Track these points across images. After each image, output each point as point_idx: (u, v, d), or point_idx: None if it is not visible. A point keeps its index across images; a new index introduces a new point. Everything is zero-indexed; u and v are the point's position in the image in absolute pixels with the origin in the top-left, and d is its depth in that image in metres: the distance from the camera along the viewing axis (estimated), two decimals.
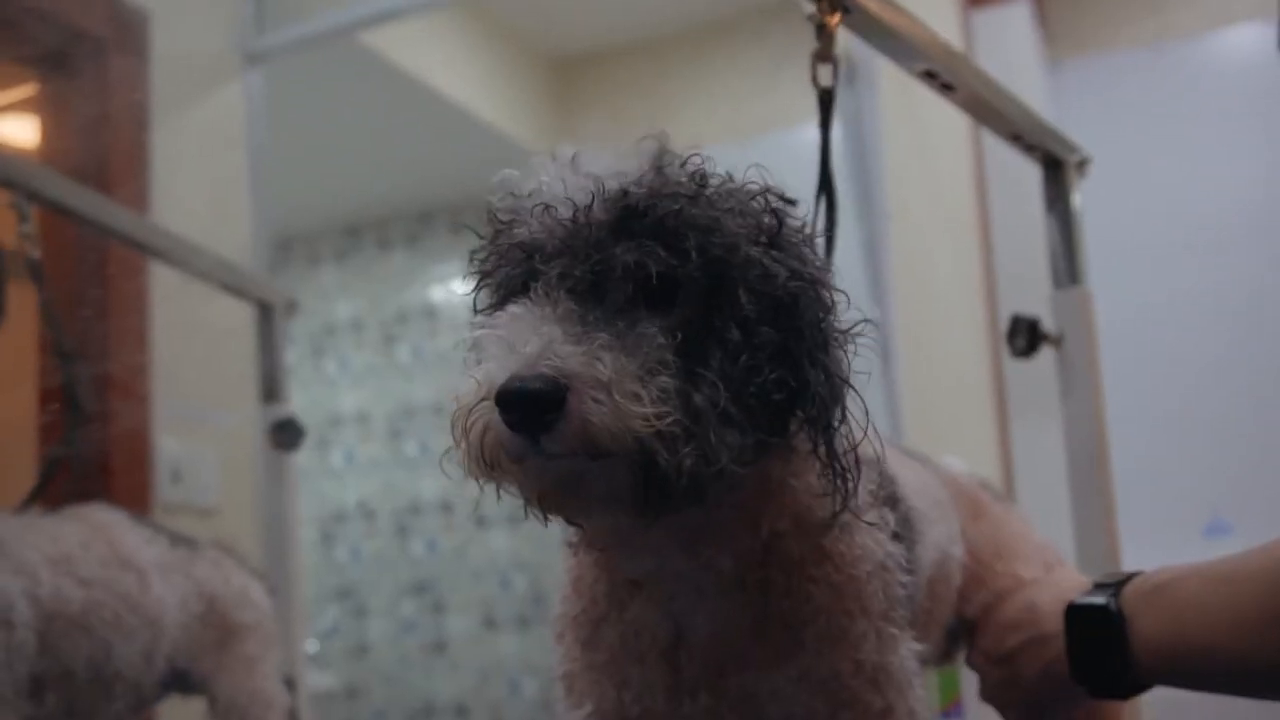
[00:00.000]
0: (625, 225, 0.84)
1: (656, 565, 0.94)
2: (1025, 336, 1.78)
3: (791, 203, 0.92)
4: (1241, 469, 4.06)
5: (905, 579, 1.01)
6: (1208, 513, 3.90)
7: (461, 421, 0.83)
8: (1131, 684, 1.14)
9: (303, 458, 3.61)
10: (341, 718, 4.62)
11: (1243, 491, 3.98)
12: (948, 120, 1.82)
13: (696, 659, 0.95)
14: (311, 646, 4.54)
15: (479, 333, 0.85)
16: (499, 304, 0.89)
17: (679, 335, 0.83)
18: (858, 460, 0.92)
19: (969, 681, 1.45)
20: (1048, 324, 1.79)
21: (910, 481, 1.15)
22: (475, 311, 0.92)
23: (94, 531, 1.62)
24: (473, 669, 4.55)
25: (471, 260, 0.94)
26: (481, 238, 0.93)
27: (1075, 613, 1.16)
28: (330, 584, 4.74)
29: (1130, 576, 1.16)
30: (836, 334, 0.91)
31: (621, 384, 0.79)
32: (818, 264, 0.92)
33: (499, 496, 0.87)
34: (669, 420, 0.79)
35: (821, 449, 0.89)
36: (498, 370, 0.80)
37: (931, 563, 1.18)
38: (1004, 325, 1.81)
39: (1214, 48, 4.42)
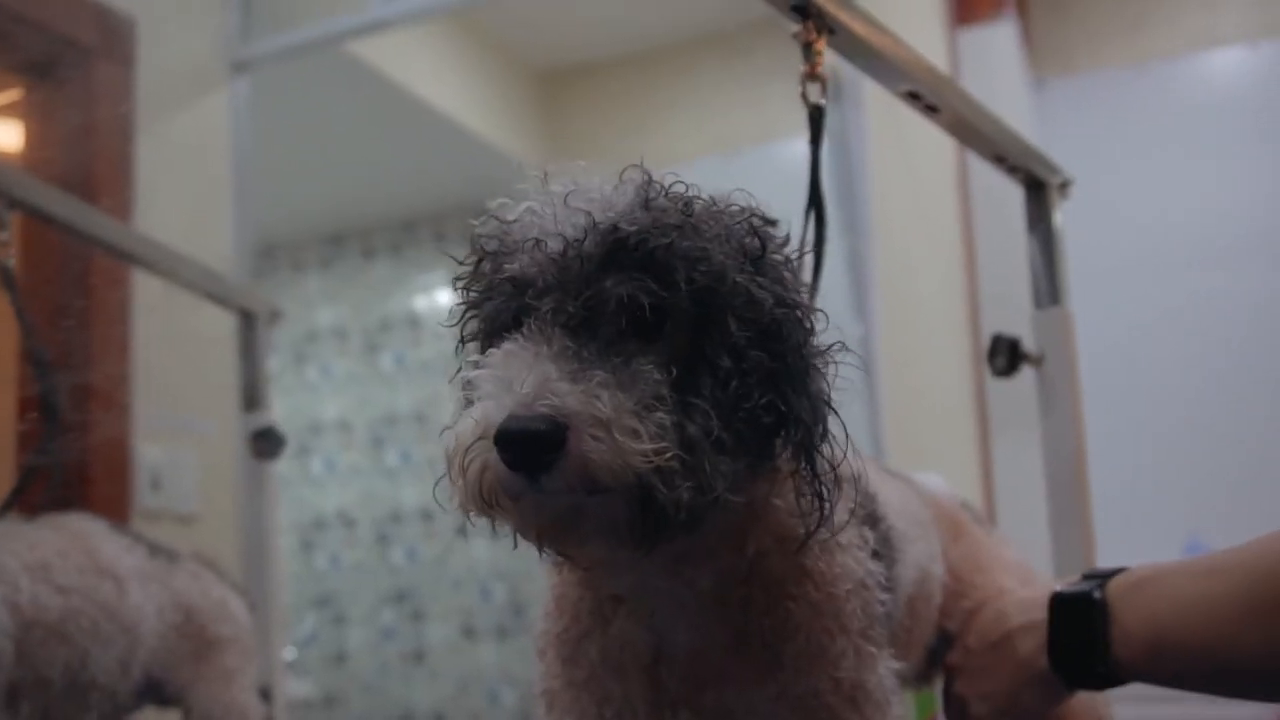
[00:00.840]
0: (616, 259, 0.85)
1: (639, 582, 0.95)
2: (1006, 356, 1.79)
3: (773, 223, 0.92)
4: (1220, 490, 4.07)
5: (884, 597, 1.01)
6: (1186, 533, 3.92)
7: (459, 460, 0.83)
8: (1108, 675, 1.15)
9: (283, 465, 3.60)
10: None
11: (1221, 513, 3.99)
12: (933, 139, 1.82)
13: (677, 674, 0.96)
14: (290, 654, 4.52)
15: (473, 372, 0.85)
16: (489, 337, 0.89)
17: (672, 368, 0.84)
18: (838, 480, 0.93)
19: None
20: (1029, 343, 1.80)
21: (891, 500, 1.16)
22: (462, 342, 0.93)
23: (72, 540, 1.62)
24: (452, 678, 4.54)
25: (456, 287, 0.94)
26: (465, 264, 0.93)
27: (1060, 601, 1.17)
28: (310, 592, 4.72)
29: (1118, 570, 1.17)
30: (818, 356, 0.92)
31: (620, 421, 0.79)
32: (799, 287, 0.93)
33: (495, 531, 0.87)
34: (667, 455, 0.80)
35: (805, 470, 0.89)
36: (495, 409, 0.80)
37: (912, 581, 1.18)
38: (986, 344, 1.82)
39: (1197, 69, 4.45)
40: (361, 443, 4.78)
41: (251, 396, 2.24)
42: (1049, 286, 1.81)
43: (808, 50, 1.32)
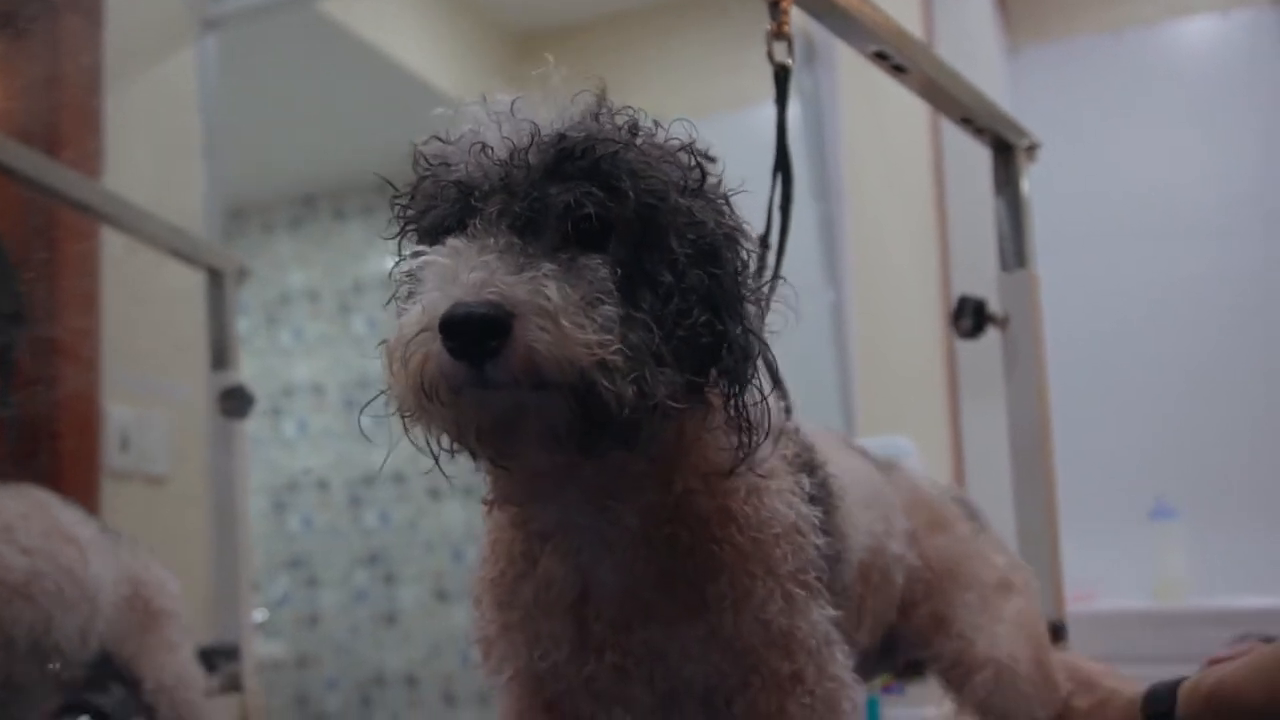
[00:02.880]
0: (561, 167, 0.86)
1: (565, 517, 0.95)
2: (972, 317, 1.80)
3: (711, 159, 0.94)
4: (1187, 453, 4.11)
5: (820, 541, 1.01)
6: (1153, 496, 3.95)
7: (400, 352, 0.83)
8: None
9: (255, 427, 3.57)
10: (291, 686, 4.61)
11: (1188, 476, 4.03)
12: (905, 102, 1.83)
13: (603, 614, 0.95)
14: (262, 615, 4.52)
15: (418, 261, 0.85)
16: (432, 239, 0.89)
17: (617, 272, 0.84)
18: (768, 414, 0.93)
19: None
20: (995, 306, 1.81)
21: (840, 461, 1.16)
22: (400, 255, 0.92)
23: (34, 505, 1.62)
24: (424, 640, 4.55)
25: (394, 204, 0.94)
26: (399, 188, 0.94)
27: None
28: (282, 553, 4.73)
29: (1174, 688, 1.26)
30: (753, 288, 0.93)
31: (567, 311, 0.79)
32: (737, 218, 0.94)
33: (431, 436, 0.87)
34: (612, 349, 0.80)
35: (732, 400, 0.90)
36: (440, 299, 0.80)
37: (864, 547, 1.17)
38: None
39: (1172, 38, 4.45)
40: (334, 405, 4.77)
41: (220, 355, 2.23)
42: (1015, 249, 1.82)
43: (774, 9, 1.32)
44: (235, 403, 2.20)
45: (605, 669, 0.96)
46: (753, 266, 0.94)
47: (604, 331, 0.80)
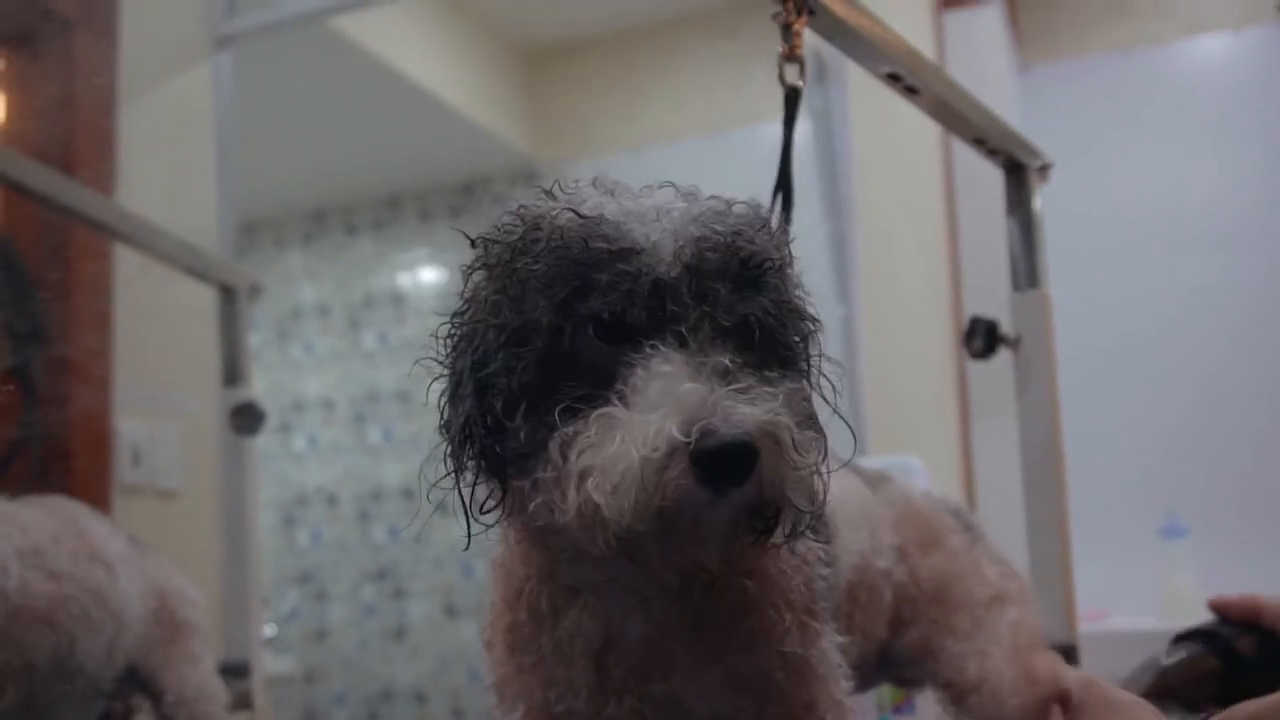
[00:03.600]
0: (745, 276, 0.88)
1: (603, 575, 0.94)
2: (983, 338, 1.80)
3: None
4: (1198, 471, 4.10)
5: (825, 572, 1.03)
6: (1164, 514, 3.94)
7: (639, 473, 0.79)
8: None
9: (265, 441, 3.58)
10: (300, 702, 4.61)
11: (1199, 493, 4.02)
12: (917, 121, 1.83)
13: (624, 662, 0.95)
14: (271, 630, 4.53)
15: (640, 374, 0.83)
16: (607, 334, 0.86)
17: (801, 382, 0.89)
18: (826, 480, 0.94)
19: None
20: (1006, 326, 1.81)
21: (831, 488, 1.15)
22: (558, 331, 0.86)
23: (65, 523, 1.62)
24: (432, 655, 4.55)
25: (513, 260, 0.89)
26: (531, 244, 0.89)
27: None
28: (291, 568, 4.73)
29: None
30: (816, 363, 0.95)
31: (796, 439, 0.82)
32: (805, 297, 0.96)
33: (606, 541, 0.83)
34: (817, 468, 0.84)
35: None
36: (681, 424, 0.79)
37: (851, 566, 1.18)
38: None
39: (1182, 55, 4.46)
40: (344, 420, 4.78)
41: (232, 372, 2.23)
42: (1027, 269, 1.81)
43: (786, 31, 1.32)
44: (247, 419, 2.20)
45: (624, 713, 0.96)
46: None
47: (813, 454, 0.84)
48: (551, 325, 0.85)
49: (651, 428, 0.79)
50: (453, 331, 0.91)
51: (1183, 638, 1.42)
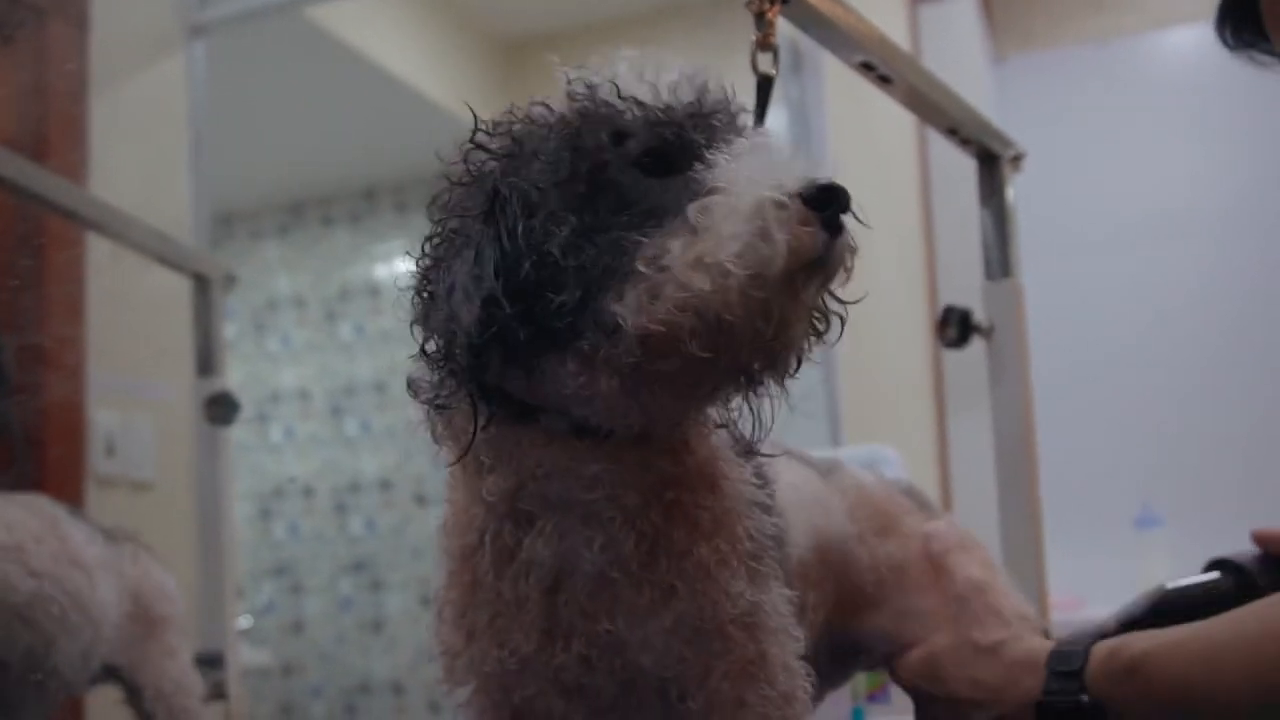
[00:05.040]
0: (731, 110, 0.93)
1: (567, 494, 0.93)
2: (957, 327, 1.80)
3: None
4: (1172, 461, 4.13)
5: (773, 520, 1.01)
6: (1138, 504, 3.97)
7: (773, 216, 0.81)
8: None
9: (242, 433, 3.56)
10: (276, 694, 4.60)
11: (1173, 483, 4.05)
12: (893, 111, 1.83)
13: (574, 601, 0.94)
14: (247, 622, 4.52)
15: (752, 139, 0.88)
16: (664, 170, 0.87)
17: None
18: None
19: None
20: (980, 316, 1.82)
21: (783, 473, 1.15)
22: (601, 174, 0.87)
23: (47, 524, 1.62)
24: (409, 648, 4.55)
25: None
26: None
27: (1049, 711, 1.11)
28: (268, 560, 4.72)
29: (1087, 650, 1.11)
30: None
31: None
32: None
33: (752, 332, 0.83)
34: None
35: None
36: (782, 182, 0.82)
37: (803, 545, 1.15)
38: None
39: (1157, 47, 4.48)
40: (320, 412, 4.77)
41: (206, 362, 2.23)
42: (1000, 259, 1.82)
43: (760, 19, 1.32)
44: (221, 409, 2.20)
45: (574, 659, 0.94)
46: None
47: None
48: (596, 166, 0.86)
49: (760, 189, 0.81)
50: (437, 243, 0.89)
51: (1213, 566, 1.32)
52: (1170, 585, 1.28)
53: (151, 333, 2.51)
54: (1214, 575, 1.27)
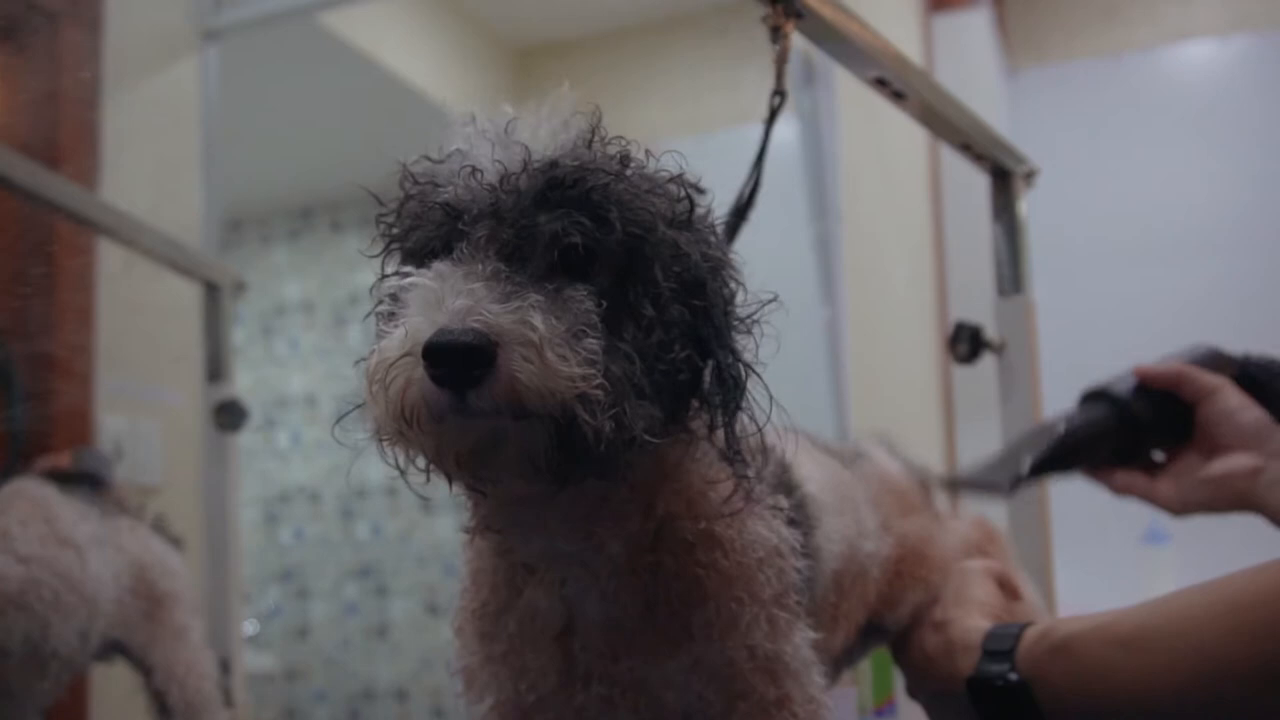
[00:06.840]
0: (551, 195, 0.85)
1: (549, 547, 0.94)
2: (968, 343, 1.80)
3: (701, 191, 0.93)
4: None
5: (801, 564, 1.00)
6: (1145, 520, 3.95)
7: (380, 376, 0.81)
8: None
9: (249, 439, 3.56)
10: (280, 699, 4.60)
11: None
12: (905, 125, 1.83)
13: (589, 645, 0.95)
14: (252, 627, 4.52)
15: (403, 282, 0.84)
16: (417, 263, 0.88)
17: (601, 304, 0.84)
18: (764, 447, 0.94)
19: (902, 680, 1.46)
20: (991, 331, 1.81)
21: (814, 474, 1.15)
22: (383, 276, 0.92)
23: (33, 508, 1.61)
24: (414, 654, 4.54)
25: (379, 222, 0.94)
26: (386, 204, 0.94)
27: (979, 687, 1.15)
28: (273, 565, 4.71)
29: (1019, 632, 1.15)
30: (741, 319, 0.92)
31: (551, 343, 0.79)
32: (724, 249, 0.94)
33: (405, 463, 0.86)
34: (594, 383, 0.80)
35: (721, 433, 0.90)
36: (425, 325, 0.79)
37: (836, 555, 1.16)
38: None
39: (1169, 62, 4.48)
40: (327, 417, 4.76)
41: (215, 368, 2.23)
42: (1012, 275, 1.82)
43: (776, 34, 1.32)
44: (229, 416, 2.20)
45: (594, 700, 0.95)
46: (740, 297, 0.93)
47: (587, 364, 0.80)
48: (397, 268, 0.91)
49: (399, 331, 0.81)
50: None
51: (1087, 397, 1.51)
52: (1062, 428, 1.44)
53: (161, 338, 2.51)
54: (1096, 410, 1.48)
